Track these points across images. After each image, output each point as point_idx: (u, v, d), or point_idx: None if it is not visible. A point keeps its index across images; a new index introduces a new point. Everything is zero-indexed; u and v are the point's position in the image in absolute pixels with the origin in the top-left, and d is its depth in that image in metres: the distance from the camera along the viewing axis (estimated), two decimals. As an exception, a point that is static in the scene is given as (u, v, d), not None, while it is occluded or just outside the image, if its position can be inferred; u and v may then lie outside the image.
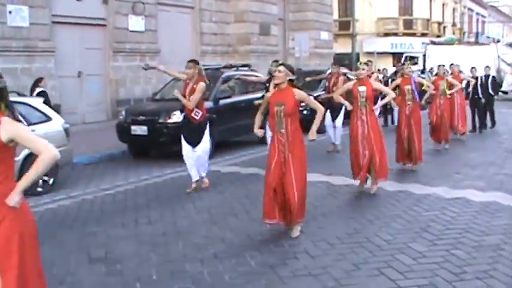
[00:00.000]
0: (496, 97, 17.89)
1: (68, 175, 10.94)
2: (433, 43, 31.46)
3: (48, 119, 10.11)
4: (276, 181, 6.72)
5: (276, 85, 6.98)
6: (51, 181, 9.84)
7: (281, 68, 6.89)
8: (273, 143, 6.90)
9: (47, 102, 13.53)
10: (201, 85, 9.18)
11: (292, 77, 6.90)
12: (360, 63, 9.36)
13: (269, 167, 6.80)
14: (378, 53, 39.61)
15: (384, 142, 9.21)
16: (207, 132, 9.45)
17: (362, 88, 8.99)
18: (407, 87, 10.97)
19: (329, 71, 15.06)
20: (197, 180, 9.49)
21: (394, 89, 10.97)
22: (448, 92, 14.05)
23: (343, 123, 13.50)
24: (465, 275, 5.48)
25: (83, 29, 18.12)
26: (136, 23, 19.68)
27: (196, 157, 9.38)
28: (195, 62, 9.54)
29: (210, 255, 6.24)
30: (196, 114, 9.25)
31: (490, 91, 17.13)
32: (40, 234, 7.21)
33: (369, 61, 12.49)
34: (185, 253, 6.34)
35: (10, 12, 15.72)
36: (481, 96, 16.80)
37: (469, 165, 11.43)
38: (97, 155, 12.92)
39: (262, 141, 14.70)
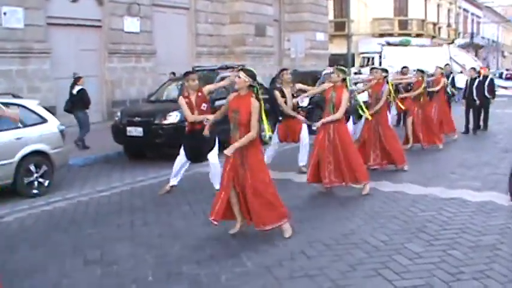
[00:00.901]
0: (492, 100, 17.73)
1: (64, 177, 10.91)
2: (389, 44, 31.93)
3: (43, 120, 10.08)
4: (229, 184, 6.80)
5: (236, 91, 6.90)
6: (46, 183, 9.82)
7: (241, 73, 6.76)
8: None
9: (86, 99, 13.86)
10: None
11: (253, 84, 6.72)
12: (336, 69, 9.25)
13: (224, 170, 6.90)
14: (373, 53, 39.60)
15: (353, 146, 9.24)
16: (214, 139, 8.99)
17: (334, 94, 8.91)
18: (377, 93, 10.93)
19: (324, 72, 15.05)
20: (173, 186, 9.37)
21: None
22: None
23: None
24: (462, 275, 5.48)
25: (78, 31, 18.08)
26: (131, 24, 19.65)
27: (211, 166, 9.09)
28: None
29: (206, 257, 6.23)
30: (207, 121, 8.40)
31: (486, 93, 17.00)
32: (35, 236, 7.22)
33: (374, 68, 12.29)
34: (181, 254, 6.32)
35: (5, 13, 15.68)
36: (475, 98, 16.69)
37: (464, 165, 11.44)
38: (92, 156, 12.90)
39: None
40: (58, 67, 17.06)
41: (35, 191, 9.60)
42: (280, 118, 10.77)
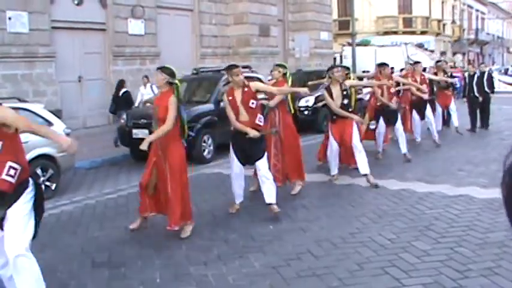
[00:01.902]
0: (492, 95, 17.57)
1: (70, 180, 10.95)
2: (350, 44, 32.12)
3: (49, 124, 10.10)
4: (149, 180, 7.18)
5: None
6: (53, 186, 9.85)
7: (159, 72, 7.14)
8: (154, 144, 7.11)
9: (129, 101, 14.37)
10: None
11: (173, 81, 7.07)
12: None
13: (147, 166, 7.26)
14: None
15: (299, 144, 9.37)
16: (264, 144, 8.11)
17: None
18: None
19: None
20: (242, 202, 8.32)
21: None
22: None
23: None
24: (470, 273, 5.47)
25: (83, 34, 18.11)
26: (135, 26, 19.67)
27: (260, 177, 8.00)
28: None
29: (213, 257, 6.24)
30: (260, 120, 7.96)
31: (486, 89, 16.75)
32: (43, 239, 7.22)
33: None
34: (188, 255, 6.33)
35: (10, 18, 15.72)
36: (477, 94, 16.41)
37: (471, 162, 11.41)
38: (99, 159, 12.93)
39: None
40: (63, 71, 17.10)
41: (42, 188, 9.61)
42: (334, 117, 9.80)
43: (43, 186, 9.59)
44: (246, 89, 7.83)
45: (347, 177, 10.00)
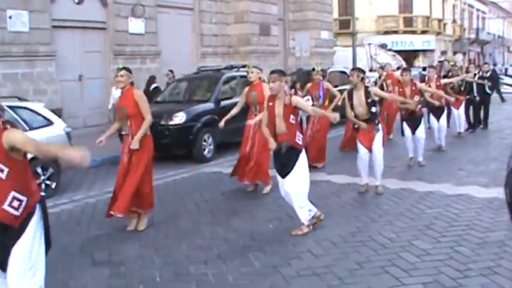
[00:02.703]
0: (491, 95, 17.48)
1: (71, 179, 10.94)
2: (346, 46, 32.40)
3: (49, 123, 10.11)
4: (123, 178, 7.38)
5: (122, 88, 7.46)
6: (53, 185, 9.85)
7: (122, 72, 7.30)
8: (124, 145, 7.50)
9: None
10: (298, 99, 7.35)
11: (132, 79, 7.43)
12: (248, 67, 9.53)
13: (120, 166, 7.52)
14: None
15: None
16: (301, 159, 7.01)
17: (254, 93, 9.23)
18: (316, 93, 11.29)
19: (330, 70, 15.02)
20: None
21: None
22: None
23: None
24: (470, 272, 5.47)
25: (83, 33, 18.10)
26: (136, 25, 19.66)
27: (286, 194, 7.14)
28: (279, 72, 7.19)
29: (213, 256, 6.24)
30: (299, 139, 7.06)
31: (487, 90, 16.68)
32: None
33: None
34: (188, 254, 6.33)
35: (10, 17, 15.71)
36: (475, 94, 16.25)
37: (472, 161, 11.41)
38: (99, 158, 12.91)
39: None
40: (63, 69, 17.09)
41: (42, 193, 9.60)
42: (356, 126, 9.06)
43: (43, 185, 9.64)
44: (286, 103, 6.95)
45: (348, 177, 9.99)
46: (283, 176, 6.98)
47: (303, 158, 6.95)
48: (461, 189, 8.90)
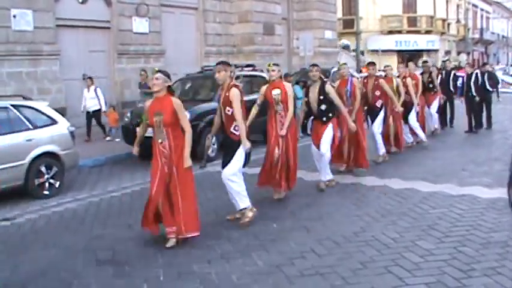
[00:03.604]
0: (494, 94, 17.33)
1: (74, 178, 10.97)
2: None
3: (53, 122, 10.13)
4: (160, 194, 6.59)
5: (156, 92, 6.63)
6: (57, 184, 9.87)
7: (158, 75, 6.58)
8: (155, 155, 6.64)
9: None
10: (235, 93, 7.29)
11: (170, 83, 6.68)
12: (269, 65, 8.67)
13: (153, 180, 6.62)
14: (383, 51, 39.54)
15: (297, 150, 8.73)
16: (239, 151, 7.43)
17: (276, 91, 8.40)
18: (345, 89, 10.32)
19: (333, 70, 14.99)
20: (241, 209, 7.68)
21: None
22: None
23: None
24: (473, 272, 5.46)
25: (87, 32, 18.14)
26: (140, 24, 19.69)
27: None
28: (224, 63, 7.53)
29: (217, 256, 6.24)
30: (236, 129, 7.39)
31: (488, 87, 16.56)
32: (47, 237, 7.26)
33: (372, 63, 11.93)
34: (192, 254, 6.34)
35: (14, 16, 15.76)
36: (474, 94, 16.07)
37: (475, 161, 11.39)
38: (102, 157, 12.94)
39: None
40: (68, 68, 17.13)
41: (46, 192, 9.66)
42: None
43: (47, 184, 9.66)
44: (227, 94, 7.34)
45: (350, 177, 9.99)
46: (223, 166, 7.54)
47: (240, 149, 7.39)
48: (464, 190, 8.89)
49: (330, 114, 9.15)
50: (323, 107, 9.07)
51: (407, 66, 14.30)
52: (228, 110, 7.33)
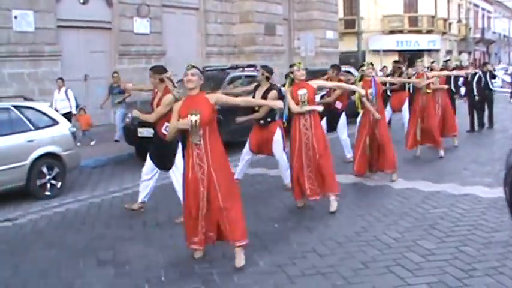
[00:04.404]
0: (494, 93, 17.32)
1: (76, 178, 10.98)
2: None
3: (55, 122, 10.14)
4: (195, 201, 5.99)
5: (191, 90, 6.05)
6: (58, 185, 9.89)
7: (193, 70, 6.00)
8: (188, 159, 6.04)
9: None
10: (167, 98, 7.56)
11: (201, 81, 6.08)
12: (295, 64, 8.31)
13: (186, 184, 6.08)
14: (384, 51, 39.50)
15: (329, 152, 8.21)
16: (179, 152, 7.71)
17: (302, 91, 7.90)
18: (370, 90, 9.62)
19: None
20: (142, 202, 8.17)
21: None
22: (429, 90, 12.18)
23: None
24: (475, 272, 5.45)
25: (88, 33, 18.15)
26: (141, 25, 19.70)
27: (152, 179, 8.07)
28: (155, 70, 7.91)
29: (218, 256, 6.24)
30: (167, 130, 7.30)
31: (491, 87, 16.54)
32: (49, 237, 7.27)
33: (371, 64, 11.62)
34: (194, 254, 6.33)
35: (15, 17, 15.77)
36: (476, 94, 16.09)
37: (477, 161, 11.39)
38: (104, 158, 12.95)
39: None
40: (69, 69, 17.13)
41: (47, 193, 9.67)
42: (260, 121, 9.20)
43: (48, 185, 9.67)
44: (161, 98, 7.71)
45: (351, 177, 9.98)
46: (163, 169, 7.90)
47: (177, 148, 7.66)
48: (466, 189, 8.89)
49: (269, 119, 9.01)
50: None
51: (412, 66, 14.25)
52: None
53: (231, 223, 5.91)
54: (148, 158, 8.05)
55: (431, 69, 14.80)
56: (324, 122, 10.62)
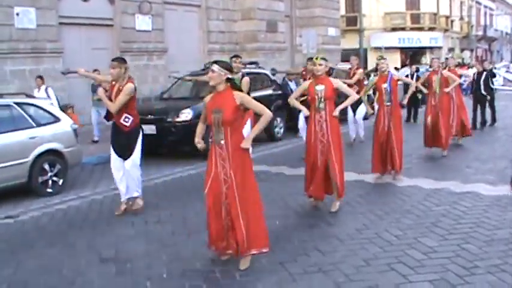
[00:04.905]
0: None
1: (78, 175, 10.98)
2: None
3: (56, 119, 10.14)
4: (217, 202, 5.75)
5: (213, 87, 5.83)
6: (60, 182, 9.88)
7: (214, 67, 5.70)
8: (211, 157, 5.80)
9: None
10: (128, 86, 7.75)
11: (231, 76, 5.79)
12: (316, 58, 8.02)
13: (206, 185, 5.81)
14: (386, 48, 39.45)
15: (343, 152, 8.03)
16: (138, 142, 8.11)
17: (320, 87, 7.67)
18: (384, 85, 9.57)
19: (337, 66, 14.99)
20: (128, 199, 8.30)
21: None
22: (447, 89, 12.19)
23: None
24: (477, 270, 5.45)
25: (90, 30, 18.15)
26: (143, 22, 19.69)
27: (125, 172, 8.13)
28: (120, 60, 8.04)
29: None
30: (126, 120, 7.91)
31: (492, 85, 16.50)
32: (50, 235, 7.27)
33: (381, 57, 11.35)
34: (195, 251, 6.33)
35: (17, 14, 15.76)
36: (484, 92, 16.11)
37: (479, 159, 11.37)
38: (106, 155, 12.89)
39: (271, 138, 14.75)
40: (70, 66, 16.95)
41: (49, 190, 9.67)
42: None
43: (50, 182, 9.67)
44: (121, 88, 7.86)
45: (353, 174, 9.97)
46: (126, 158, 8.05)
47: (139, 140, 8.09)
48: (468, 187, 8.88)
49: None
50: None
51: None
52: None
53: (248, 230, 5.67)
54: (112, 152, 8.20)
55: (446, 66, 14.75)
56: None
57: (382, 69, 9.70)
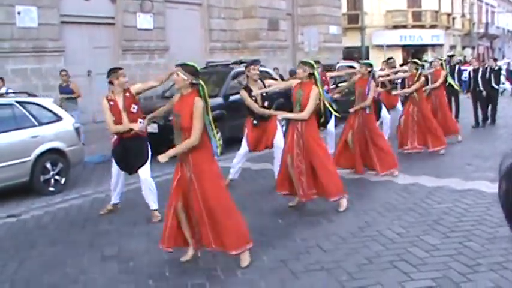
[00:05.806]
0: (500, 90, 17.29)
1: (80, 174, 10.98)
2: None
3: (58, 118, 10.15)
4: (179, 203, 5.78)
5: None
6: (62, 180, 9.90)
7: (179, 70, 5.64)
8: (178, 162, 5.91)
9: None
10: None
11: (195, 81, 5.62)
12: (303, 62, 7.84)
13: (172, 186, 5.90)
14: (387, 46, 39.43)
15: (327, 155, 7.92)
16: (149, 147, 8.06)
17: (300, 92, 7.58)
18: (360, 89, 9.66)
19: (339, 65, 14.96)
20: (115, 204, 8.25)
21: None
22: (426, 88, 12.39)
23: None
24: (479, 267, 5.45)
25: (92, 28, 18.14)
26: (144, 20, 19.68)
27: (143, 182, 7.94)
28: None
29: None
30: (141, 126, 7.72)
31: (493, 84, 16.40)
32: (53, 233, 7.28)
33: (390, 58, 11.05)
34: (197, 249, 6.33)
35: (19, 13, 15.76)
36: (482, 89, 16.07)
37: (480, 156, 11.37)
38: (108, 153, 12.93)
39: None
40: (72, 65, 17.11)
41: (51, 189, 9.68)
42: (255, 122, 9.17)
43: (52, 181, 9.69)
44: (127, 94, 7.71)
45: (354, 172, 9.97)
46: (136, 170, 7.87)
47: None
48: (470, 184, 8.88)
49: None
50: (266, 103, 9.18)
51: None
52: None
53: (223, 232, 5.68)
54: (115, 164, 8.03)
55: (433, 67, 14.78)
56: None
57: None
